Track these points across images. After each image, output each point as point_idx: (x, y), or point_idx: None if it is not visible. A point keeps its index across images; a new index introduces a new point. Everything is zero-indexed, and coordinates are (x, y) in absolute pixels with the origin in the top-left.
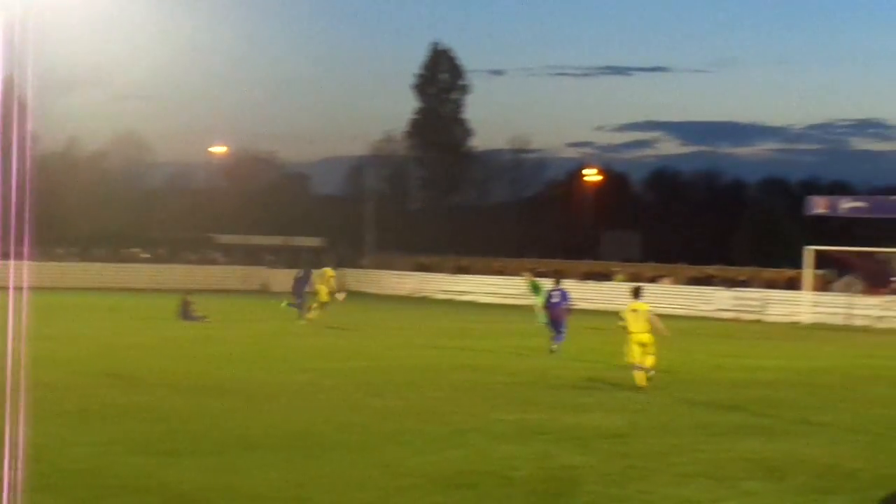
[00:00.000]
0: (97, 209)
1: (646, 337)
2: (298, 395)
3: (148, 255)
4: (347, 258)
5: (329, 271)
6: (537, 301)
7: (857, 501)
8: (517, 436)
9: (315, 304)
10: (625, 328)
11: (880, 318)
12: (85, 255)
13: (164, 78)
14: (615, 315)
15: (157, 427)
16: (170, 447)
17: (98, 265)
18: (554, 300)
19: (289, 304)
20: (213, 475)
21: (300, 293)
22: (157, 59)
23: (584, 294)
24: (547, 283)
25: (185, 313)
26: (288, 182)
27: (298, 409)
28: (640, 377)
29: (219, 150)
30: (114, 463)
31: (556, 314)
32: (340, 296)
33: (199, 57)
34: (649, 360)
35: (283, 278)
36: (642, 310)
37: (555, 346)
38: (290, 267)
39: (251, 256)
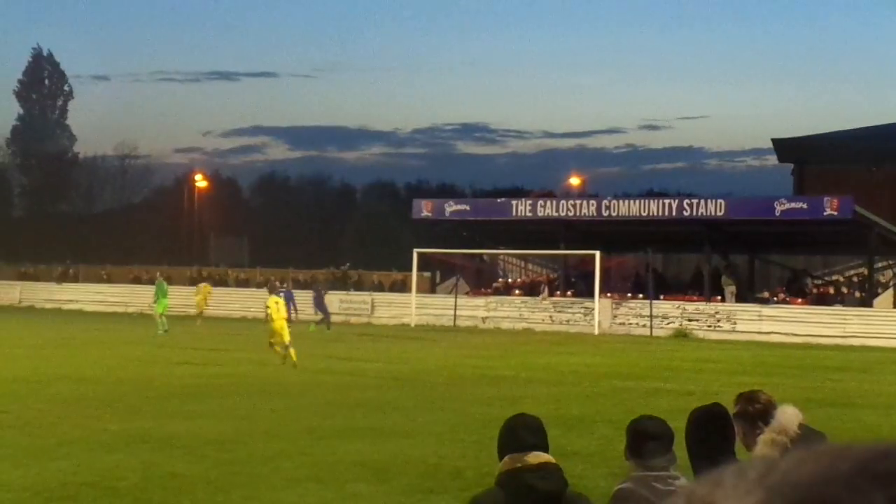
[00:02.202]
0: None
1: (285, 324)
2: None
3: None
4: None
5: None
6: (159, 306)
7: (461, 500)
8: (122, 445)
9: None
10: (270, 315)
11: (485, 318)
12: None
13: None
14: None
15: None
16: None
17: None
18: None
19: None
20: None
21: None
22: None
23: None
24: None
25: None
26: None
27: None
28: (291, 353)
29: None
30: None
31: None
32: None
33: None
34: (287, 339)
35: None
36: (283, 303)
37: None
38: None
39: None
